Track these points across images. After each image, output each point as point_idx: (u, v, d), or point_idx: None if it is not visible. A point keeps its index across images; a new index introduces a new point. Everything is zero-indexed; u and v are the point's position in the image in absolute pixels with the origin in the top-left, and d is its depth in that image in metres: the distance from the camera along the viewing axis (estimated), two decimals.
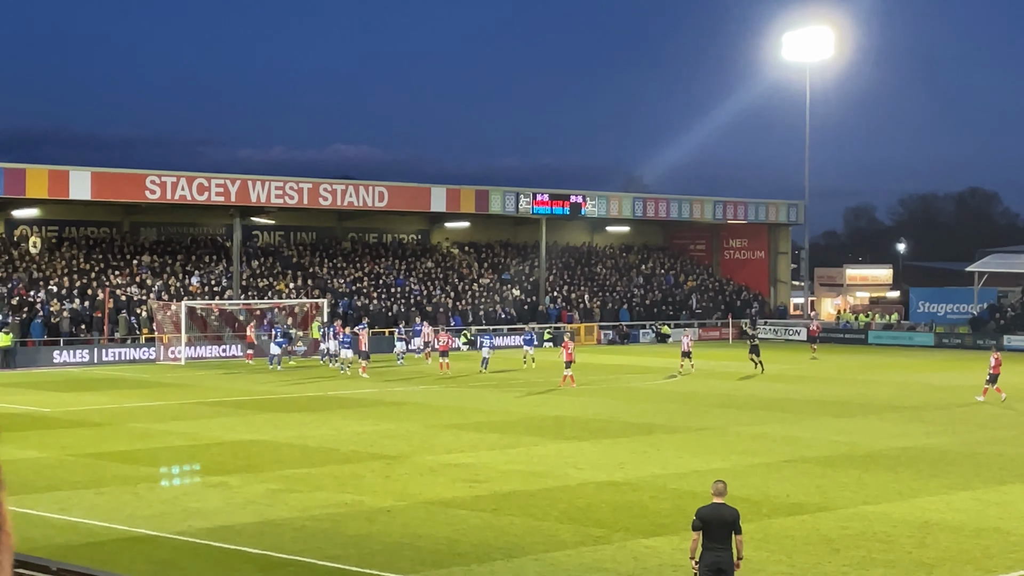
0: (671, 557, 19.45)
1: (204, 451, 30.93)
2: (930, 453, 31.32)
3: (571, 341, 51.13)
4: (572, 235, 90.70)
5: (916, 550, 20.35)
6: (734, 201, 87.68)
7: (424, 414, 39.01)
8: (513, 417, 38.27)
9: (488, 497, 24.72)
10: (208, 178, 65.50)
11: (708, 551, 15.51)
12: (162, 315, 62.48)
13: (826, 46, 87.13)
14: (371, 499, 24.43)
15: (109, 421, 36.95)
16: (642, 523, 22.30)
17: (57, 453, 30.32)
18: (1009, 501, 24.91)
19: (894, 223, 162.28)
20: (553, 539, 20.98)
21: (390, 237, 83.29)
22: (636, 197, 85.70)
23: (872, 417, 39.09)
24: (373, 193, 70.89)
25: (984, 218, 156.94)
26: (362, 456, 30.13)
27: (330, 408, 40.91)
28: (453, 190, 74.88)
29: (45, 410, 39.96)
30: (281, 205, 68.36)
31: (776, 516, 22.89)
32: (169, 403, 42.19)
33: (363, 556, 19.66)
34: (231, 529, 21.59)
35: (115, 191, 63.26)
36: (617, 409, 40.60)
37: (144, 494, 25.08)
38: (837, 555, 19.91)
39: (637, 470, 28.17)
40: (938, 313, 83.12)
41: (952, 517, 23.05)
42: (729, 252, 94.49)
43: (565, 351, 49.59)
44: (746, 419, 38.01)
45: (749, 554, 16.95)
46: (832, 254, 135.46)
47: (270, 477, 27.01)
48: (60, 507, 23.30)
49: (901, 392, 47.42)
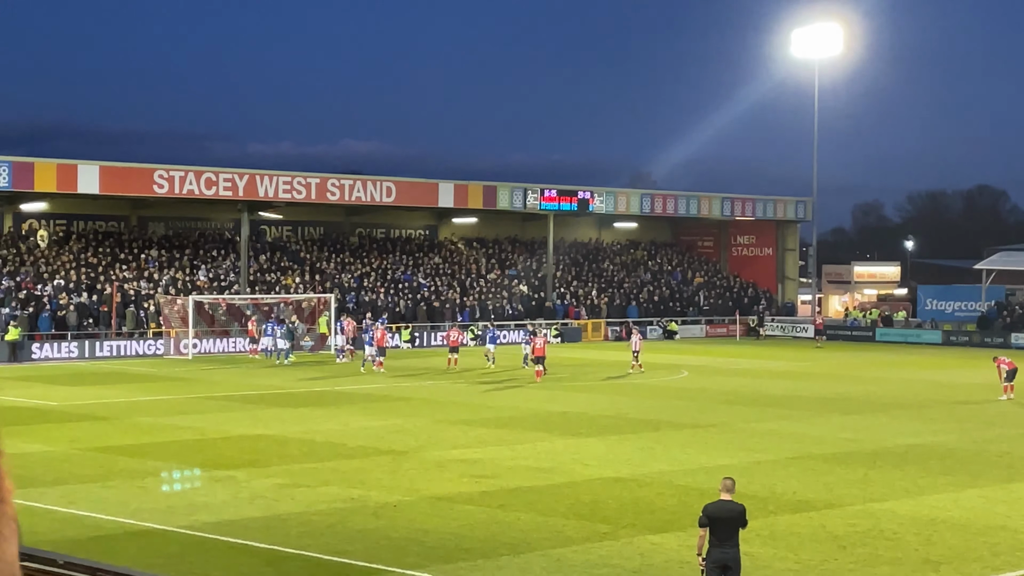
0: (677, 553, 19.45)
1: (211, 446, 30.96)
2: (937, 451, 31.27)
3: (540, 337, 51.05)
4: (580, 231, 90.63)
5: (923, 548, 20.32)
6: (742, 198, 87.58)
7: (431, 409, 39.02)
8: (520, 413, 38.27)
9: (495, 493, 24.72)
10: (216, 172, 65.52)
11: (715, 548, 15.51)
12: (169, 309, 62.53)
13: (835, 43, 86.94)
14: (377, 494, 24.44)
15: (116, 415, 37.00)
16: (649, 519, 22.29)
17: (64, 447, 30.36)
18: (1016, 499, 24.87)
19: (902, 220, 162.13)
20: (560, 535, 20.98)
21: (398, 232, 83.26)
22: (644, 193, 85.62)
23: (879, 414, 39.04)
24: (381, 188, 70.90)
25: (992, 215, 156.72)
26: (369, 451, 30.14)
27: (337, 403, 40.93)
28: (461, 186, 74.85)
29: (52, 404, 40.01)
30: (289, 200, 68.37)
31: (782, 513, 22.88)
32: (176, 397, 42.24)
33: (369, 551, 19.67)
34: (238, 523, 21.61)
35: (123, 185, 63.30)
36: (624, 405, 40.58)
37: (151, 488, 25.12)
38: (843, 552, 19.89)
39: (644, 466, 28.16)
40: (946, 311, 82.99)
41: (959, 515, 23.03)
42: (737, 249, 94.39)
43: (534, 346, 49.71)
44: (753, 416, 37.99)
45: (755, 550, 16.94)
46: (840, 251, 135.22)
47: (277, 472, 27.03)
48: (67, 501, 23.33)
49: (908, 390, 47.35)
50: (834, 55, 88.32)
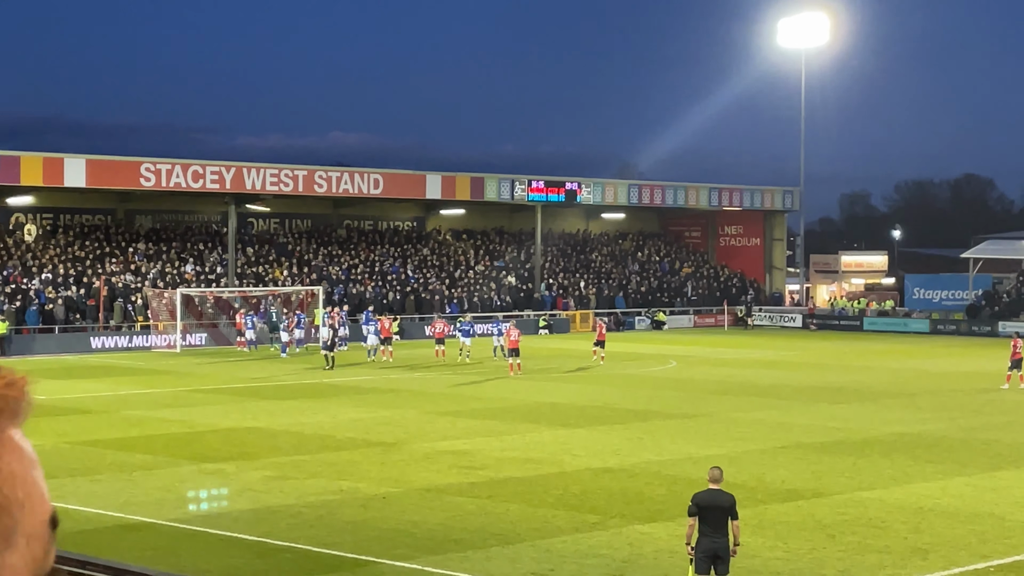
0: (667, 543, 19.48)
1: (199, 438, 30.93)
2: (925, 439, 31.36)
3: (515, 328, 50.98)
4: (567, 222, 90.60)
5: (911, 536, 20.38)
6: (729, 188, 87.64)
7: (420, 401, 39.02)
8: (509, 404, 38.28)
9: (484, 484, 24.74)
10: (203, 165, 65.42)
11: (704, 537, 15.54)
12: (157, 303, 62.45)
13: (821, 33, 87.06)
14: (367, 486, 24.44)
15: (104, 409, 36.94)
16: (638, 509, 22.33)
17: (52, 441, 30.29)
18: (1004, 487, 24.95)
19: (889, 210, 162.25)
20: (549, 525, 21.00)
21: (385, 224, 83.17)
22: (631, 184, 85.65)
23: (867, 403, 39.11)
24: (368, 180, 70.82)
25: (979, 204, 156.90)
26: (358, 443, 30.14)
27: (326, 395, 40.91)
28: (448, 177, 74.81)
29: (40, 398, 39.51)
30: (276, 192, 68.29)
31: (771, 502, 22.93)
32: (164, 390, 42.18)
33: (359, 543, 19.67)
34: (227, 516, 21.61)
35: (110, 178, 63.17)
36: (613, 396, 40.62)
37: (140, 481, 25.09)
38: (832, 541, 19.95)
39: (633, 456, 28.20)
40: (933, 300, 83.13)
41: (947, 503, 23.10)
42: (725, 239, 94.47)
43: (508, 338, 49.59)
44: (741, 405, 38.05)
45: (745, 540, 16.97)
46: (828, 241, 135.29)
47: (266, 464, 27.02)
48: (56, 495, 22.89)
49: (896, 378, 47.44)
50: (821, 45, 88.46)
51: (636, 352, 59.49)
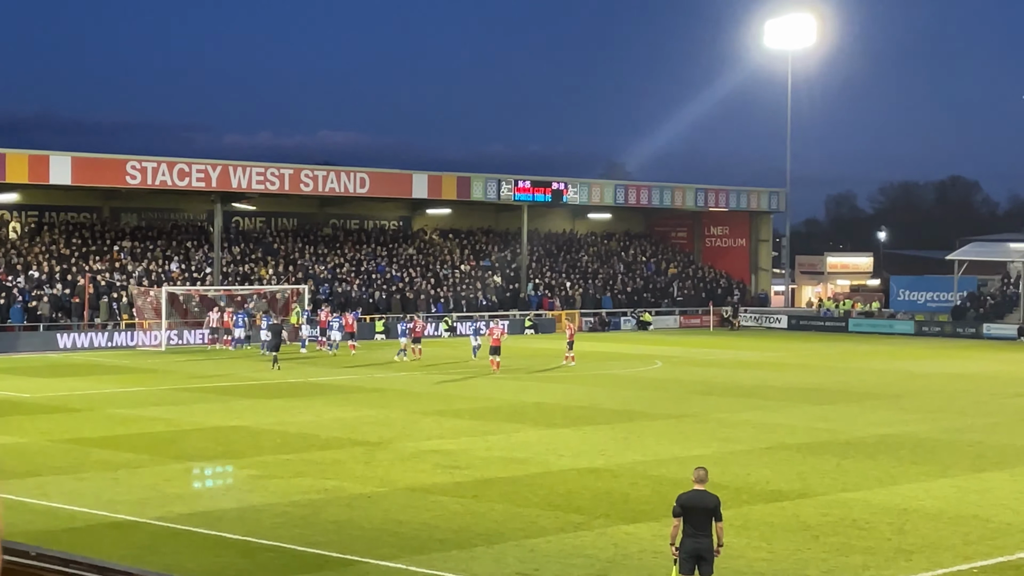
0: (651, 543, 19.50)
1: (184, 437, 30.88)
2: (909, 440, 31.44)
3: (497, 327, 51.03)
4: (554, 222, 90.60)
5: (895, 537, 20.44)
6: (716, 189, 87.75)
7: (405, 401, 39.00)
8: (494, 404, 38.29)
9: (469, 483, 24.74)
10: (189, 163, 65.29)
11: (688, 537, 15.55)
12: (142, 301, 62.30)
13: (808, 34, 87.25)
14: (352, 485, 24.43)
15: (89, 407, 36.85)
16: (622, 509, 22.35)
17: (37, 438, 30.23)
18: (988, 488, 25.03)
19: (875, 211, 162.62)
20: (534, 525, 21.01)
21: (371, 223, 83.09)
22: (618, 184, 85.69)
23: (852, 404, 39.21)
24: (354, 179, 70.76)
25: (964, 206, 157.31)
26: (343, 442, 30.12)
27: (311, 395, 40.86)
28: (435, 176, 74.80)
29: (24, 395, 39.82)
30: (262, 191, 68.18)
31: (756, 503, 22.97)
32: (149, 389, 42.08)
33: (344, 542, 19.66)
34: (211, 515, 21.57)
35: (95, 176, 63.00)
36: (598, 396, 40.65)
37: (124, 479, 25.03)
38: (816, 541, 19.99)
39: (618, 457, 28.22)
40: (918, 301, 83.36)
41: (931, 504, 23.16)
42: (711, 240, 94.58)
43: (491, 336, 49.73)
44: (726, 406, 38.10)
45: (729, 540, 16.99)
46: (813, 242, 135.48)
47: (251, 463, 26.99)
48: (40, 492, 23.22)
49: (881, 380, 47.56)
50: (807, 46, 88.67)
51: (622, 352, 59.53)
